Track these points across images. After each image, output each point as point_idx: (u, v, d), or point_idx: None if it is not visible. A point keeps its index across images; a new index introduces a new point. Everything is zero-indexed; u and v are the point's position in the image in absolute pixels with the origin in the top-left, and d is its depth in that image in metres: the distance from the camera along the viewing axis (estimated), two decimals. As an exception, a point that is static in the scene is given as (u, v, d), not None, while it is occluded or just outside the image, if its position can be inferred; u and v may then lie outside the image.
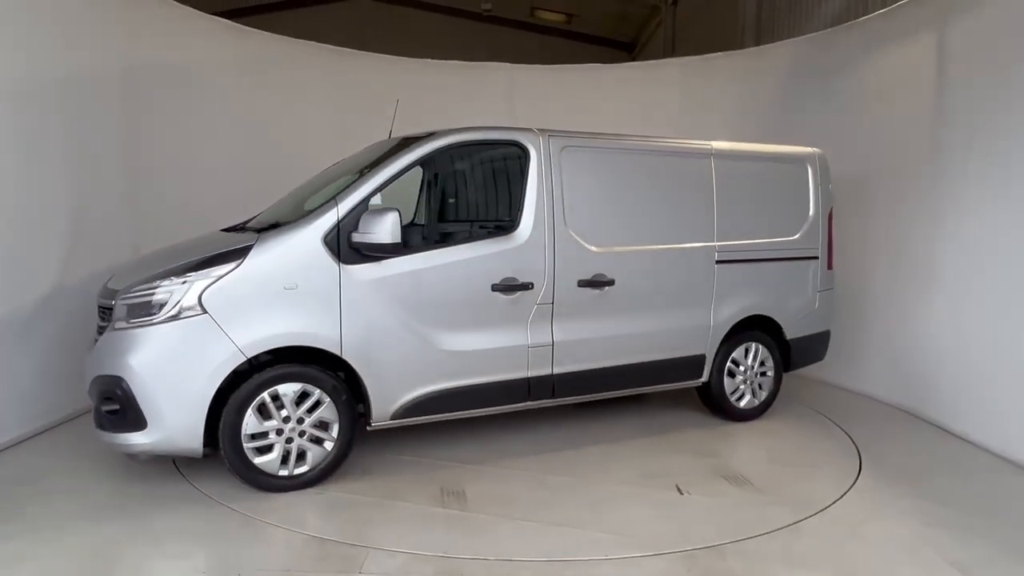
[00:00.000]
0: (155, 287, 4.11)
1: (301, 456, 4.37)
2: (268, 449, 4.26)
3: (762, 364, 5.97)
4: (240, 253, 4.21)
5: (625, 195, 5.34)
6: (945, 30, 5.97)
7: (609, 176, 5.29)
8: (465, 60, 10.02)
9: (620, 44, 21.86)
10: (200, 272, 4.13)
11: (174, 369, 4.03)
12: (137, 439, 4.05)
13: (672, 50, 16.27)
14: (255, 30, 8.52)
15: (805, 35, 8.91)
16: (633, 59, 20.15)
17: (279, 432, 4.28)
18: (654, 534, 3.85)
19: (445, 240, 5.05)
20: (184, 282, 4.09)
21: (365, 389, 4.47)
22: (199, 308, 4.06)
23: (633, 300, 5.30)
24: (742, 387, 5.91)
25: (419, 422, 4.75)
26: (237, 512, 4.02)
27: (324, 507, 4.20)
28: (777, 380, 6.07)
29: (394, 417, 4.61)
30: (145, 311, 4.08)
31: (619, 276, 5.17)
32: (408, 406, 4.61)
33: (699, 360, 5.65)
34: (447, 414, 4.81)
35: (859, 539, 3.88)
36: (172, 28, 7.07)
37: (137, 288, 4.16)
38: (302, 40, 8.95)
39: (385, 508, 4.17)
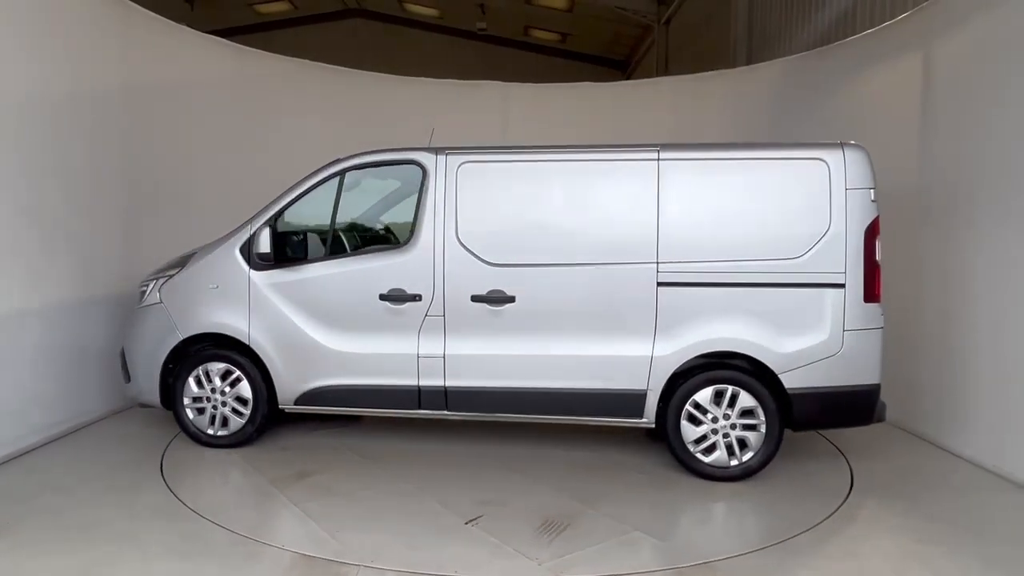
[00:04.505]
0: (145, 281, 5.56)
1: (225, 422, 5.33)
2: (203, 411, 5.34)
3: (747, 415, 4.80)
4: (187, 259, 5.47)
5: (533, 209, 5.04)
6: (928, 50, 6.06)
7: (515, 190, 5.07)
8: (460, 78, 10.11)
9: (614, 63, 22.08)
10: (164, 273, 5.50)
11: (143, 341, 5.41)
12: (129, 390, 5.55)
13: (665, 69, 16.39)
14: (252, 49, 8.58)
15: (795, 54, 9.02)
16: (627, 78, 20.33)
17: (207, 399, 5.31)
18: (353, 544, 3.83)
19: (340, 252, 5.30)
20: (155, 279, 5.48)
21: (270, 374, 5.23)
22: (159, 299, 5.37)
23: (538, 320, 4.93)
24: (712, 438, 4.84)
25: (326, 412, 5.38)
26: (223, 528, 4.01)
27: (211, 465, 5.10)
28: (773, 438, 4.77)
29: (297, 403, 5.25)
30: (140, 299, 5.53)
31: (521, 294, 4.91)
32: (308, 395, 5.21)
33: (636, 397, 4.86)
34: (347, 409, 5.35)
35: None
36: (170, 48, 7.10)
37: (143, 282, 5.62)
38: (298, 59, 9.02)
39: (245, 475, 4.93)
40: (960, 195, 5.52)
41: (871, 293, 4.75)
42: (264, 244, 5.13)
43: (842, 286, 4.73)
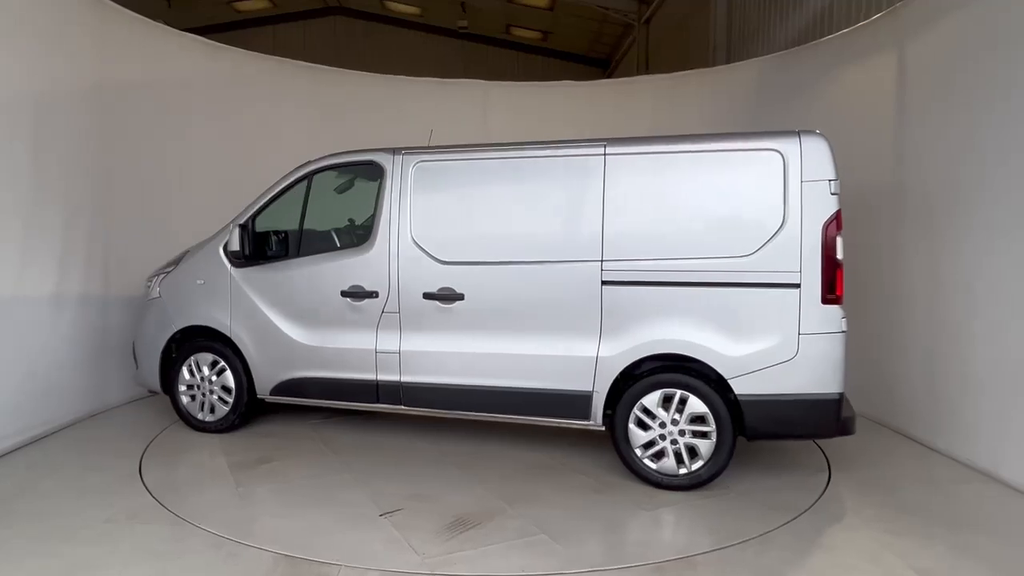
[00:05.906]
0: (151, 277, 5.99)
1: (212, 409, 5.71)
2: (194, 398, 5.74)
3: (698, 421, 4.55)
4: (180, 257, 5.89)
5: (482, 207, 5.03)
6: (903, 49, 6.14)
7: (466, 189, 5.08)
8: (441, 76, 10.10)
9: (595, 61, 22.14)
10: (164, 270, 5.92)
11: (146, 332, 5.88)
12: (138, 377, 6.01)
13: (646, 67, 16.47)
14: (229, 47, 8.49)
15: (773, 53, 9.11)
16: (608, 76, 20.40)
17: (197, 387, 5.71)
18: (262, 527, 4.09)
19: (308, 250, 5.46)
20: (157, 276, 5.92)
21: (248, 365, 5.53)
22: (159, 294, 5.82)
23: (485, 318, 4.91)
24: (661, 443, 4.62)
25: (296, 403, 5.59)
26: (204, 531, 4.00)
27: (189, 446, 5.48)
28: (724, 448, 4.51)
29: (273, 393, 5.53)
30: (147, 293, 5.98)
31: (469, 291, 4.92)
32: (282, 386, 5.47)
33: (582, 398, 4.71)
34: (317, 400, 5.49)
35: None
36: (146, 46, 7.03)
37: (149, 277, 6.02)
38: (277, 57, 8.96)
39: (212, 457, 5.24)
40: (939, 192, 5.55)
41: (829, 294, 4.37)
42: (235, 243, 5.35)
43: (797, 286, 4.37)
